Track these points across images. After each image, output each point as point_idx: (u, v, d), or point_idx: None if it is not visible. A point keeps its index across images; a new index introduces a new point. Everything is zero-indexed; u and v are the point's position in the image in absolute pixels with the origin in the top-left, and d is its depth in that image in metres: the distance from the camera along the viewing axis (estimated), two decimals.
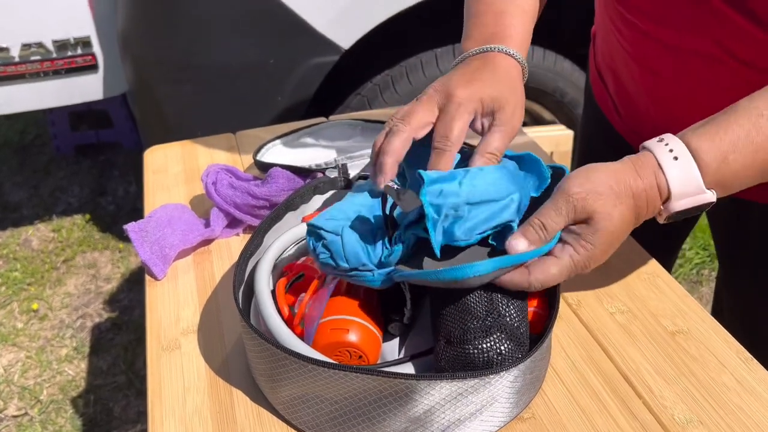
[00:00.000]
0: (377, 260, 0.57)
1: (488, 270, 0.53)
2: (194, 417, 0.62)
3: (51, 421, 1.66)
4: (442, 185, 0.55)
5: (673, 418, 0.60)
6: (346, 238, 0.57)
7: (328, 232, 0.58)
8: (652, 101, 0.79)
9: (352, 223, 0.59)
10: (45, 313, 1.99)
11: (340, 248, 0.57)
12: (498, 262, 0.54)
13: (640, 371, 0.65)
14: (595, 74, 0.93)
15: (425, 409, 0.54)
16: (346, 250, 0.57)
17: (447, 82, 0.61)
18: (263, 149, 0.97)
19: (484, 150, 0.60)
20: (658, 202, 0.56)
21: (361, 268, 0.57)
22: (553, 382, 0.64)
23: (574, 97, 1.87)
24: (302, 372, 0.56)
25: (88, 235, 2.32)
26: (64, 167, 2.67)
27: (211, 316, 0.74)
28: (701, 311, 0.72)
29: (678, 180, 0.55)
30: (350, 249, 0.57)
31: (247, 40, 1.60)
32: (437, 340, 0.58)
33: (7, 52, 1.66)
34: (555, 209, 0.56)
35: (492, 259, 0.54)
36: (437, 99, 0.60)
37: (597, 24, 0.91)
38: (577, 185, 0.55)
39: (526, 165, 0.62)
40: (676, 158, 0.55)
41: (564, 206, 0.55)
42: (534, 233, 0.56)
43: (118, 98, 2.44)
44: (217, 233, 0.84)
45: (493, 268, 0.54)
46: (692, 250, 2.08)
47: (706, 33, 0.68)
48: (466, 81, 0.61)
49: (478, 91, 0.60)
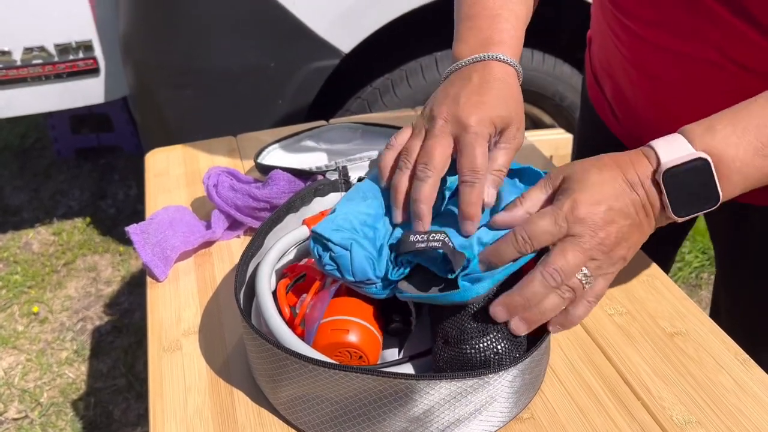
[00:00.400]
0: (382, 274, 0.58)
1: (487, 288, 0.55)
2: (195, 417, 0.63)
3: (51, 424, 1.66)
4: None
5: (672, 419, 0.61)
6: (355, 254, 0.58)
7: (336, 245, 0.59)
8: (650, 105, 0.80)
9: (360, 238, 0.59)
10: (45, 316, 2.00)
11: (347, 263, 0.58)
12: (495, 276, 0.55)
13: (638, 372, 0.65)
14: (591, 78, 0.93)
15: (425, 409, 0.55)
16: (354, 266, 0.58)
17: (455, 108, 0.61)
18: (264, 152, 0.98)
19: (491, 167, 0.61)
20: (645, 163, 0.55)
21: (366, 282, 0.59)
22: (552, 383, 0.64)
23: (573, 101, 1.88)
24: (303, 372, 0.56)
25: (88, 238, 2.32)
26: (65, 171, 2.67)
27: (212, 317, 0.75)
28: (699, 313, 0.72)
29: (662, 143, 0.55)
30: (358, 265, 0.58)
31: (248, 44, 1.60)
32: (435, 340, 0.58)
33: (9, 56, 1.67)
34: (535, 186, 0.59)
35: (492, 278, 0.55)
36: (450, 129, 0.61)
37: (593, 29, 0.91)
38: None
39: (526, 178, 0.65)
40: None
41: (541, 180, 0.59)
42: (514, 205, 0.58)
43: (119, 102, 2.45)
44: (218, 235, 0.85)
45: (492, 283, 0.55)
46: (691, 254, 2.09)
47: (705, 38, 0.69)
48: (473, 105, 0.60)
49: (488, 113, 0.60)
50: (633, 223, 0.55)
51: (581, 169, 0.56)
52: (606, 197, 0.54)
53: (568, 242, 0.54)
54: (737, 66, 0.68)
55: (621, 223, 0.54)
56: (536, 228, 0.55)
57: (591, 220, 0.54)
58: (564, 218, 0.54)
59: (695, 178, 0.54)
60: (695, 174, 0.54)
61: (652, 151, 0.55)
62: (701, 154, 0.54)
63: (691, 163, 0.54)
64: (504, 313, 0.55)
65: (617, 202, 0.54)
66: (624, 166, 0.55)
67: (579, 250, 0.54)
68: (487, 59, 0.64)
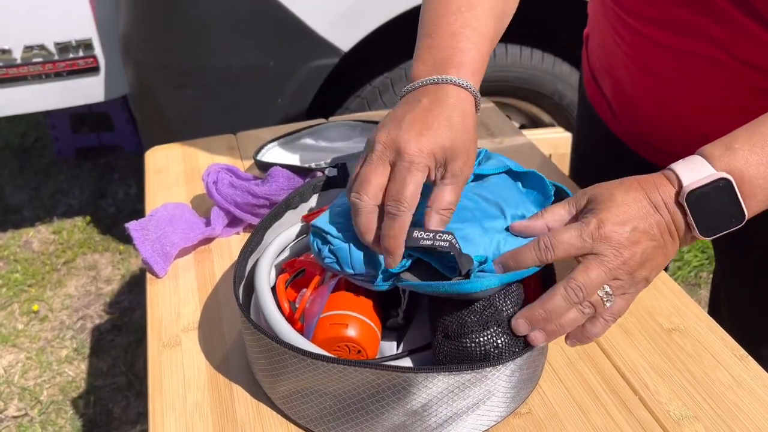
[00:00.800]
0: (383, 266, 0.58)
1: (495, 284, 0.55)
2: (194, 412, 0.63)
3: (51, 421, 1.67)
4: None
5: (669, 414, 0.61)
6: (354, 249, 0.58)
7: (335, 238, 0.59)
8: (651, 103, 0.80)
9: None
10: (45, 315, 2.00)
11: (347, 256, 0.59)
12: (505, 278, 0.56)
13: (636, 368, 0.66)
14: (589, 76, 0.93)
15: (423, 402, 0.55)
16: (353, 259, 0.58)
17: (396, 132, 0.56)
18: (263, 149, 0.98)
19: (438, 207, 0.57)
20: (668, 185, 0.55)
21: (365, 275, 0.59)
22: (550, 378, 0.65)
23: (572, 99, 1.88)
24: (301, 366, 0.56)
25: (88, 237, 2.32)
26: (65, 170, 2.68)
27: (211, 313, 0.75)
28: (697, 309, 0.73)
29: (683, 165, 0.55)
30: (357, 258, 0.58)
31: (248, 43, 1.61)
32: (435, 334, 0.58)
33: (9, 54, 1.67)
34: (558, 203, 0.58)
35: (500, 275, 0.56)
36: (388, 156, 0.56)
37: (591, 26, 0.91)
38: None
39: (529, 183, 0.65)
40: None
41: (566, 200, 0.58)
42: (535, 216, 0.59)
43: (119, 101, 2.45)
44: (218, 232, 0.85)
45: (500, 282, 0.55)
46: (690, 253, 2.09)
47: (708, 35, 0.69)
48: (417, 133, 0.55)
49: (429, 143, 0.55)
50: (658, 244, 0.55)
51: (606, 191, 0.56)
52: (631, 217, 0.55)
53: (592, 260, 0.54)
54: (741, 63, 0.68)
55: (646, 244, 0.55)
56: (561, 237, 0.55)
57: (616, 240, 0.54)
58: (590, 235, 0.54)
59: (719, 198, 0.54)
60: (718, 194, 0.54)
61: (673, 173, 0.55)
62: (723, 174, 0.54)
63: (713, 184, 0.54)
64: (526, 327, 0.56)
65: (642, 222, 0.55)
66: (648, 188, 0.56)
67: (603, 269, 0.54)
68: (442, 82, 0.59)
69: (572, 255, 0.55)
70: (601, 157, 0.97)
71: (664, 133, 0.81)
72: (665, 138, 0.81)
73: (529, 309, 0.56)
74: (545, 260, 0.56)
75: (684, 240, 0.57)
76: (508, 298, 0.57)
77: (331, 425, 0.58)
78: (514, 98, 1.90)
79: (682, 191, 0.54)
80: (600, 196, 0.56)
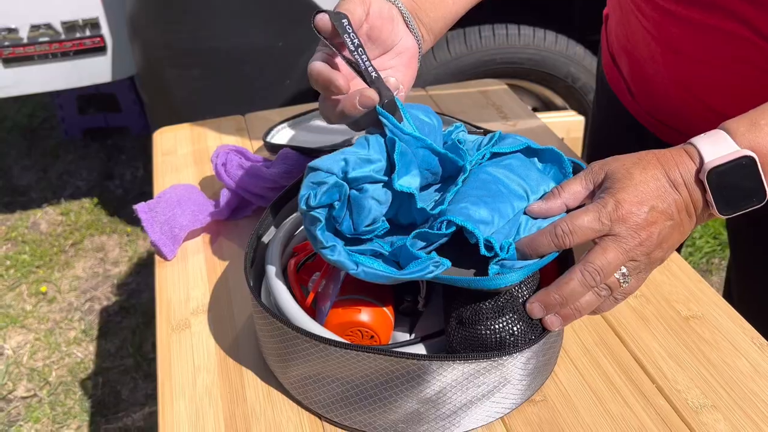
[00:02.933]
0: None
1: (519, 279, 0.53)
2: (204, 397, 0.62)
3: (60, 402, 1.67)
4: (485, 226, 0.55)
5: (687, 403, 0.60)
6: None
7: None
8: (672, 82, 0.78)
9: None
10: (53, 296, 2.00)
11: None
12: (527, 270, 0.54)
13: (653, 355, 0.64)
14: (608, 56, 0.91)
15: (437, 390, 0.54)
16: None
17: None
18: (273, 131, 0.97)
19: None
20: (689, 162, 0.54)
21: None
22: (566, 366, 0.64)
23: (586, 82, 1.86)
24: (313, 351, 0.55)
25: (96, 218, 2.32)
26: (72, 151, 2.67)
27: (221, 296, 0.74)
28: (715, 296, 0.71)
29: (705, 141, 0.54)
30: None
31: (256, 23, 1.58)
32: (449, 320, 0.57)
33: (15, 33, 1.66)
34: (574, 178, 0.57)
35: (522, 269, 0.54)
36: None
37: (610, 5, 0.89)
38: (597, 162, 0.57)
39: (547, 158, 0.63)
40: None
41: (582, 174, 0.57)
42: (552, 196, 0.57)
43: (125, 82, 2.43)
44: (227, 214, 0.84)
45: (523, 275, 0.54)
46: (702, 239, 2.07)
47: (732, 10, 0.67)
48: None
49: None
50: (674, 224, 0.55)
51: (624, 167, 0.55)
52: (649, 197, 0.53)
53: (609, 241, 0.53)
54: (766, 41, 0.66)
55: (663, 224, 0.54)
56: (580, 222, 0.54)
57: (633, 221, 0.53)
58: (608, 216, 0.53)
59: (740, 176, 0.53)
60: (740, 172, 0.53)
61: (695, 149, 0.54)
62: (747, 152, 0.53)
63: (736, 162, 0.53)
64: (541, 311, 0.55)
65: (660, 202, 0.54)
66: (667, 165, 0.54)
67: (620, 250, 0.53)
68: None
69: (590, 239, 0.54)
70: (618, 138, 0.96)
71: (683, 111, 0.79)
72: (684, 116, 0.79)
73: (544, 293, 0.55)
74: (563, 246, 0.54)
75: (701, 218, 0.56)
76: (524, 284, 0.56)
77: (342, 411, 0.57)
78: (527, 81, 1.87)
79: (703, 168, 0.53)
80: (617, 173, 0.55)
